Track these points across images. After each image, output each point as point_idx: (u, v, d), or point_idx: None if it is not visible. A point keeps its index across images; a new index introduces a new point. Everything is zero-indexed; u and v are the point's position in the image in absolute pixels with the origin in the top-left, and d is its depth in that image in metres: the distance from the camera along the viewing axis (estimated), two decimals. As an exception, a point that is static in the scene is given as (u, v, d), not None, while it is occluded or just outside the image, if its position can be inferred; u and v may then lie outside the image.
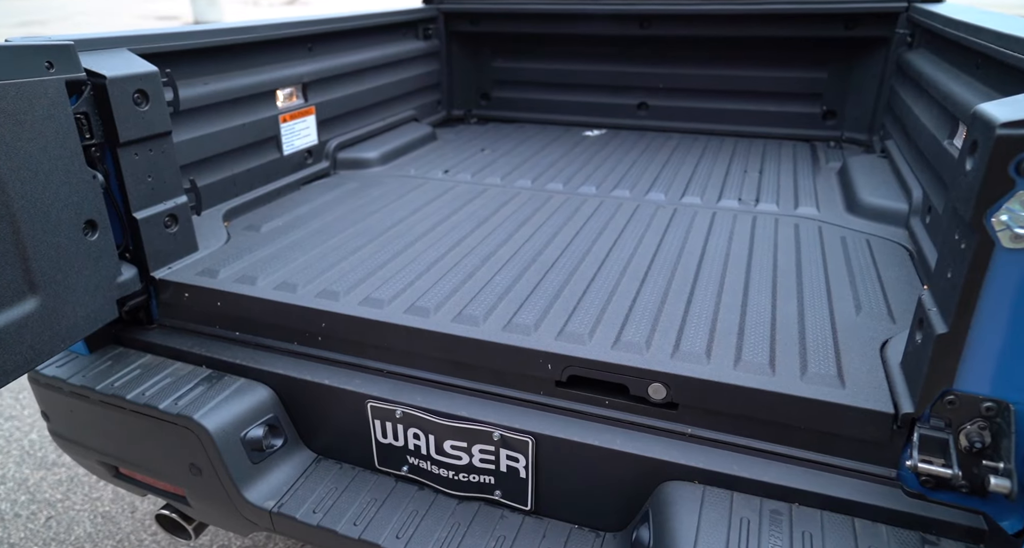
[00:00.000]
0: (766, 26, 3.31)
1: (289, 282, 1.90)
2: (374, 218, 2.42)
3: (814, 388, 1.39)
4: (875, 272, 1.95)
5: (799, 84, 3.47)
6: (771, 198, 2.60)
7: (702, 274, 1.94)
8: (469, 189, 2.76)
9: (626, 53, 3.74)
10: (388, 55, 3.37)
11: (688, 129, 3.73)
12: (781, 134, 3.56)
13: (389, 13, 3.37)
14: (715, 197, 2.64)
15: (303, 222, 2.38)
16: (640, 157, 3.22)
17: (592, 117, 3.91)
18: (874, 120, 3.29)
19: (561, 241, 2.20)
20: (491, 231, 2.29)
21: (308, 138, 2.86)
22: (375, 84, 3.29)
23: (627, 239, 2.21)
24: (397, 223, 2.37)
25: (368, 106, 3.27)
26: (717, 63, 3.59)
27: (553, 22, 3.68)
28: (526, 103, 4.04)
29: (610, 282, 1.90)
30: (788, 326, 1.65)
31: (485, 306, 1.76)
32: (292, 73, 2.71)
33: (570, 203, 2.58)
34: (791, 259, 2.04)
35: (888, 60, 3.15)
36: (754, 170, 2.98)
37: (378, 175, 2.97)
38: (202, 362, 1.87)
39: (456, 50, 4.00)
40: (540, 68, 3.94)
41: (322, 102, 2.91)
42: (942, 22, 2.35)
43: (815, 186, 2.73)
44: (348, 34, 3.09)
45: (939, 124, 2.16)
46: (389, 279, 1.92)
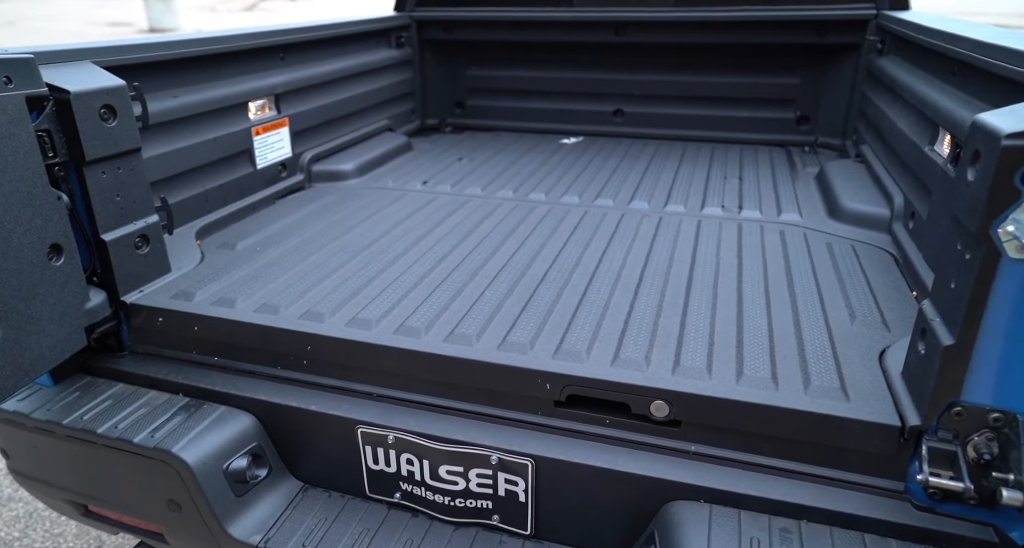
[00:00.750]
0: (739, 33, 3.34)
1: (270, 303, 1.82)
2: (354, 233, 2.35)
3: (818, 402, 1.38)
4: (864, 279, 1.95)
5: (773, 90, 3.50)
6: (754, 205, 2.60)
7: (695, 284, 1.92)
8: (450, 200, 2.70)
9: (601, 60, 3.74)
10: (361, 64, 3.30)
11: (664, 135, 3.74)
12: (756, 140, 3.59)
13: (361, 21, 3.31)
14: (698, 205, 2.63)
15: (280, 239, 2.30)
16: (620, 165, 3.21)
17: (568, 125, 3.90)
18: (847, 125, 3.33)
19: (549, 253, 2.16)
20: (477, 244, 2.24)
21: (282, 151, 2.77)
22: (348, 94, 3.21)
23: (615, 250, 2.18)
24: (379, 238, 2.30)
25: (342, 116, 3.19)
26: (692, 70, 3.61)
27: (527, 30, 3.66)
28: (501, 111, 4.01)
29: (603, 295, 1.86)
30: (786, 337, 1.64)
31: (477, 324, 1.71)
32: (264, 84, 2.62)
33: (554, 213, 2.55)
34: (781, 267, 2.04)
35: (859, 66, 3.20)
36: (734, 176, 2.99)
37: (355, 187, 2.89)
38: (179, 390, 1.77)
39: (429, 58, 3.95)
40: (515, 76, 3.91)
41: (295, 113, 2.83)
42: (915, 30, 2.39)
43: (795, 192, 2.75)
44: (320, 43, 3.02)
45: (917, 130, 2.19)
46: (375, 298, 1.86)
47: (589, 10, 3.48)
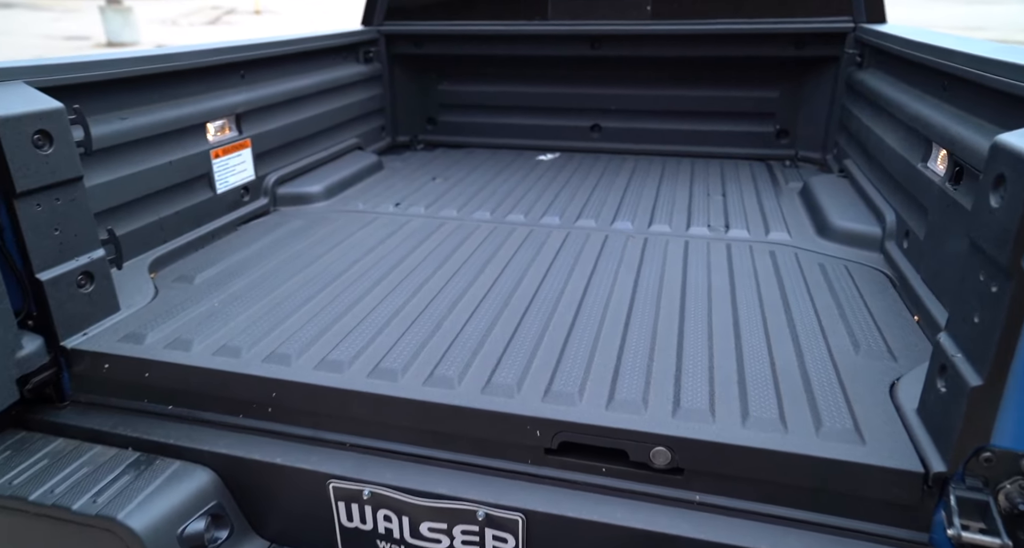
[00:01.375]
0: (717, 46, 3.28)
1: (231, 345, 1.66)
2: (323, 262, 2.20)
3: (832, 446, 1.27)
4: (862, 302, 1.87)
5: (751, 104, 3.45)
6: (740, 223, 2.52)
7: (688, 313, 1.81)
8: (424, 224, 2.57)
9: (577, 74, 3.65)
10: (328, 80, 3.16)
11: (643, 151, 3.66)
12: (736, 154, 3.53)
13: (327, 36, 3.17)
14: (684, 224, 2.54)
15: (243, 270, 2.13)
16: (599, 182, 3.11)
17: (544, 140, 3.80)
18: (827, 138, 3.29)
19: (531, 281, 2.04)
20: (454, 272, 2.11)
21: (244, 173, 2.61)
22: (315, 112, 3.07)
23: (602, 275, 2.07)
24: (349, 267, 2.15)
25: (308, 136, 3.04)
26: (669, 83, 3.54)
27: (500, 43, 3.56)
28: (475, 127, 3.89)
29: (591, 327, 1.74)
30: (789, 371, 1.53)
31: (459, 364, 1.57)
32: (224, 103, 2.46)
33: (535, 236, 2.43)
34: (775, 291, 1.95)
35: (838, 79, 3.16)
36: (717, 193, 2.92)
37: (323, 211, 2.74)
38: (128, 444, 1.60)
39: (399, 74, 3.82)
40: (488, 91, 3.80)
41: (258, 134, 2.67)
42: (901, 43, 2.34)
43: (781, 209, 2.68)
44: (284, 59, 2.87)
45: (907, 146, 2.13)
46: (347, 335, 1.71)
47: (564, 23, 3.39)
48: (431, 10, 3.56)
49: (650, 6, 3.28)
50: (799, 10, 3.11)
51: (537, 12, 3.42)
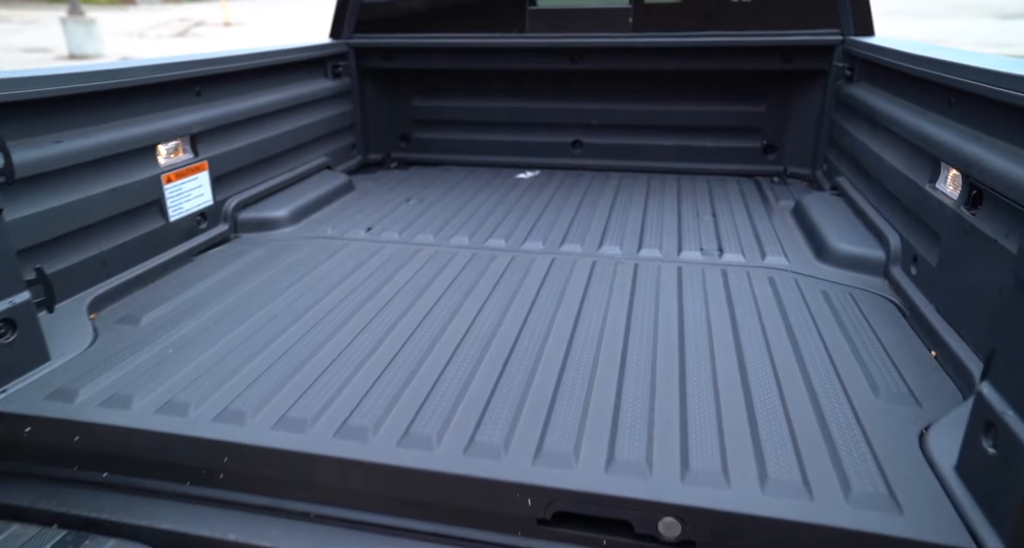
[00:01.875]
0: (701, 59, 3.17)
1: (178, 400, 1.46)
2: (287, 297, 2.00)
3: (866, 516, 1.12)
4: (873, 335, 1.73)
5: (737, 118, 3.34)
6: (735, 247, 2.38)
7: (688, 351, 1.66)
8: (398, 251, 2.39)
9: (557, 88, 3.51)
10: (293, 97, 2.97)
11: (626, 167, 3.53)
12: (722, 170, 3.41)
13: (292, 50, 2.98)
14: (675, 247, 2.40)
15: (196, 308, 1.93)
16: (583, 201, 2.96)
17: (523, 157, 3.64)
18: (816, 154, 3.19)
19: (515, 316, 1.86)
20: (431, 307, 1.93)
21: (201, 199, 2.40)
22: (280, 130, 2.87)
23: (592, 308, 1.90)
24: (316, 303, 1.96)
25: (273, 156, 2.84)
26: (653, 98, 3.41)
27: (476, 57, 3.40)
28: (450, 144, 3.73)
29: (584, 371, 1.58)
30: (806, 420, 1.38)
31: (437, 418, 1.39)
32: (177, 123, 2.26)
33: (517, 263, 2.26)
34: (779, 324, 1.80)
35: (827, 93, 3.06)
36: (707, 213, 2.78)
37: (289, 238, 2.54)
38: (53, 521, 1.38)
39: (370, 88, 3.64)
40: (464, 106, 3.64)
41: (217, 155, 2.47)
42: (898, 57, 2.23)
43: (775, 230, 2.55)
44: (245, 75, 2.67)
45: (912, 165, 2.01)
46: (311, 386, 1.52)
47: (543, 36, 3.25)
48: (403, 22, 3.40)
49: (632, 18, 3.15)
50: (785, 22, 3.01)
51: (514, 24, 3.28)
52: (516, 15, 3.27)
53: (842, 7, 2.92)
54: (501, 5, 3.28)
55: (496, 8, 3.29)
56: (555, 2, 3.26)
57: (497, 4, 3.29)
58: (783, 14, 3.01)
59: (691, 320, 1.83)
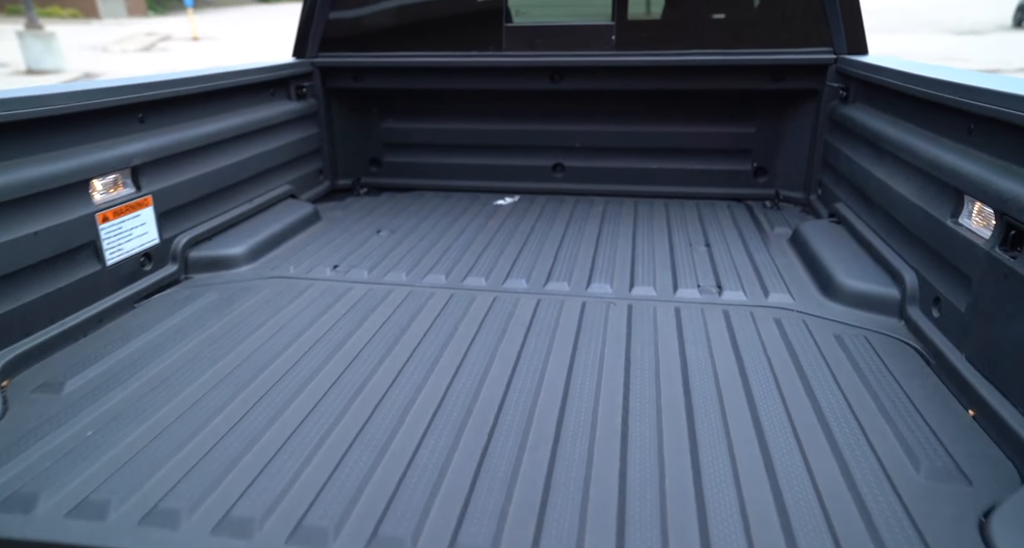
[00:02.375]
0: (688, 79, 3.01)
1: (95, 499, 1.21)
2: (239, 353, 1.76)
3: None
4: (899, 389, 1.55)
5: (726, 140, 3.19)
6: (734, 282, 2.20)
7: (698, 418, 1.46)
8: (368, 293, 2.16)
9: (537, 109, 3.32)
10: (252, 121, 2.73)
11: (610, 192, 3.34)
12: (711, 194, 3.25)
13: (251, 70, 2.75)
14: (670, 284, 2.21)
15: (132, 370, 1.68)
16: (567, 231, 2.76)
17: (502, 182, 3.44)
18: (809, 177, 3.04)
19: (500, 374, 1.65)
20: (403, 363, 1.71)
21: (144, 238, 2.15)
22: (237, 158, 2.63)
23: (585, 363, 1.70)
24: (272, 360, 1.73)
25: (229, 187, 2.60)
26: (638, 119, 3.25)
27: (450, 77, 3.20)
28: (424, 168, 3.51)
29: (580, 448, 1.36)
30: (842, 505, 1.19)
31: (411, 514, 1.17)
32: (115, 155, 2.01)
33: (500, 306, 2.05)
34: (794, 377, 1.61)
35: (820, 114, 2.92)
36: (700, 243, 2.60)
37: (246, 278, 2.30)
38: None
39: (338, 110, 3.41)
40: (438, 128, 3.43)
41: (163, 188, 2.22)
42: (904, 79, 2.08)
43: (774, 262, 2.38)
44: (196, 99, 2.43)
45: (927, 196, 1.85)
46: (262, 471, 1.29)
47: (521, 54, 3.06)
48: (372, 40, 3.19)
49: (615, 35, 2.99)
50: (775, 41, 2.87)
51: (490, 42, 3.09)
52: (492, 32, 3.08)
53: (834, 25, 2.79)
54: (476, 22, 3.09)
55: (471, 25, 3.10)
56: (533, 19, 3.08)
57: (472, 21, 3.10)
58: (773, 32, 2.87)
59: (696, 375, 1.63)
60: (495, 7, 3.07)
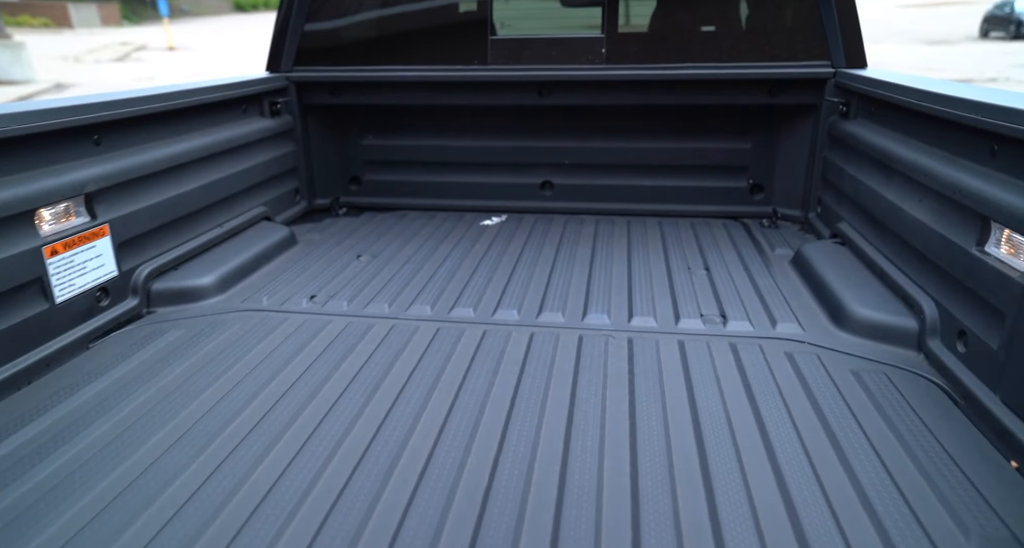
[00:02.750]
0: (681, 93, 2.90)
1: None
2: (203, 402, 1.59)
3: None
4: (931, 436, 1.42)
5: (721, 156, 3.07)
6: (738, 311, 2.07)
7: (715, 476, 1.31)
8: (348, 328, 1.99)
9: (524, 125, 3.18)
10: (222, 141, 2.56)
11: (601, 210, 3.21)
12: (706, 212, 3.13)
13: (221, 86, 2.58)
14: (671, 313, 2.07)
15: (79, 425, 1.49)
16: (559, 254, 2.62)
17: (488, 200, 3.29)
18: (808, 195, 2.94)
19: (493, 424, 1.50)
20: (386, 413, 1.54)
21: (100, 271, 1.97)
22: (205, 180, 2.46)
23: (586, 412, 1.55)
24: (240, 411, 1.55)
25: (197, 211, 2.42)
26: (629, 134, 3.12)
27: (434, 91, 3.06)
28: (406, 187, 3.35)
29: (587, 513, 1.21)
30: None
31: None
32: (65, 181, 1.83)
33: (490, 341, 1.89)
34: (814, 422, 1.48)
35: (818, 129, 2.82)
36: (698, 266, 2.48)
37: (215, 311, 2.12)
38: None
39: (315, 127, 3.24)
40: (421, 145, 3.28)
41: (122, 216, 2.04)
42: (916, 96, 1.97)
43: (778, 287, 2.25)
44: (159, 118, 2.26)
45: (947, 222, 1.73)
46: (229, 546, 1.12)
47: (507, 68, 2.93)
48: (351, 53, 3.03)
49: (605, 48, 2.87)
50: (771, 54, 2.77)
51: (475, 56, 2.95)
52: (477, 45, 2.95)
53: (832, 38, 2.69)
54: (460, 34, 2.95)
55: (455, 38, 2.96)
56: (520, 31, 2.95)
57: (456, 33, 2.96)
58: (768, 45, 2.77)
59: (709, 425, 1.49)
60: (480, 18, 2.93)
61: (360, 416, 1.53)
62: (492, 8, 2.92)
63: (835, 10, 2.65)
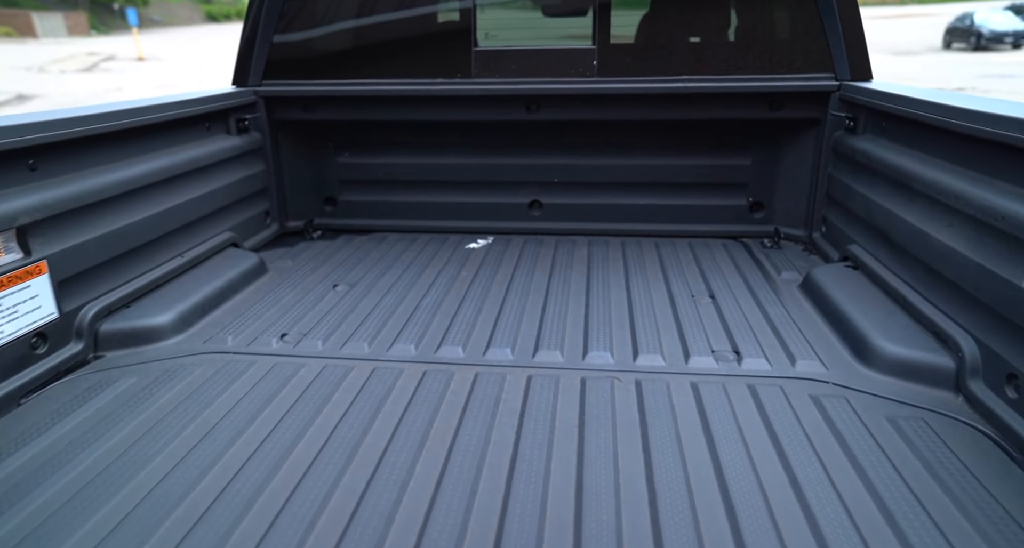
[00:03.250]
0: (677, 107, 2.74)
1: None
2: (156, 469, 1.36)
3: None
4: (995, 503, 1.26)
5: (720, 173, 2.92)
6: (751, 345, 1.90)
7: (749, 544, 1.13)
8: (323, 373, 1.78)
9: (511, 142, 3.00)
10: (184, 162, 2.33)
11: (593, 231, 3.04)
12: (704, 231, 2.97)
13: (181, 102, 2.36)
14: (679, 349, 1.89)
15: (4, 503, 1.26)
16: (552, 281, 2.43)
17: (473, 221, 3.10)
18: (811, 213, 2.79)
19: (491, 488, 1.30)
20: (367, 480, 1.34)
21: (36, 314, 1.73)
22: (165, 205, 2.23)
23: (596, 474, 1.35)
24: (199, 478, 1.33)
25: (153, 240, 2.19)
26: (622, 151, 2.95)
27: (414, 106, 2.86)
28: (386, 207, 3.14)
29: None
30: None
31: None
32: None
33: (484, 386, 1.70)
34: (861, 491, 1.30)
35: (822, 145, 2.68)
36: (702, 293, 2.31)
37: (174, 353, 1.89)
38: None
39: (287, 144, 3.02)
40: (401, 163, 3.07)
41: (63, 250, 1.81)
42: (939, 111, 1.83)
43: (791, 318, 2.09)
44: (110, 138, 2.03)
45: (988, 251, 1.58)
46: None
47: (492, 82, 2.75)
48: (324, 66, 2.83)
49: (596, 60, 2.70)
50: (771, 66, 2.62)
51: (458, 68, 2.76)
52: (460, 57, 2.76)
53: (835, 49, 2.56)
54: (442, 46, 2.77)
55: (436, 49, 2.77)
56: (505, 42, 2.77)
57: (437, 44, 2.77)
58: (768, 57, 2.63)
59: (738, 489, 1.30)
60: (462, 28, 2.75)
61: (337, 486, 1.32)
62: (476, 17, 2.74)
63: (838, 19, 2.52)
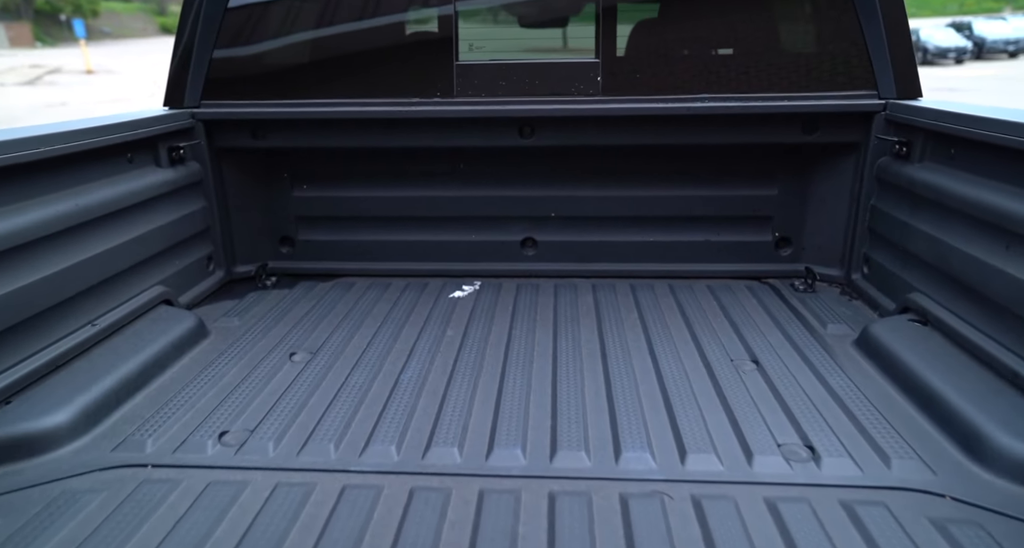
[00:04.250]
0: (695, 131, 2.35)
1: None
2: None
3: None
4: None
5: (742, 205, 2.54)
6: (825, 435, 1.51)
7: None
8: (273, 494, 1.32)
9: (501, 171, 2.57)
10: (97, 204, 1.85)
11: (596, 272, 2.62)
12: (724, 272, 2.59)
13: (94, 129, 1.87)
14: (736, 446, 1.49)
15: None
16: (558, 342, 2.01)
17: (456, 263, 2.65)
18: (850, 252, 2.43)
19: None
20: None
21: None
22: (69, 261, 1.74)
23: None
24: None
25: (53, 307, 1.70)
26: (630, 181, 2.55)
27: (385, 131, 2.42)
28: (353, 247, 2.68)
29: None
30: None
31: None
32: None
33: (492, 511, 1.26)
34: None
35: (863, 173, 2.32)
36: (742, 357, 1.91)
37: (69, 471, 1.40)
38: None
39: (233, 176, 2.54)
40: (371, 197, 2.62)
41: None
42: None
43: (862, 393, 1.70)
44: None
45: None
46: None
47: (479, 102, 2.32)
48: (277, 84, 2.37)
49: (601, 76, 2.30)
50: (804, 83, 2.26)
51: (438, 86, 2.34)
52: (440, 73, 2.33)
53: (879, 63, 2.21)
54: (418, 59, 2.34)
55: (411, 63, 2.34)
56: (494, 55, 2.36)
57: (412, 57, 2.34)
58: (801, 72, 2.26)
59: None
60: (442, 38, 2.32)
61: None
62: (457, 26, 2.31)
63: (883, 29, 2.17)
